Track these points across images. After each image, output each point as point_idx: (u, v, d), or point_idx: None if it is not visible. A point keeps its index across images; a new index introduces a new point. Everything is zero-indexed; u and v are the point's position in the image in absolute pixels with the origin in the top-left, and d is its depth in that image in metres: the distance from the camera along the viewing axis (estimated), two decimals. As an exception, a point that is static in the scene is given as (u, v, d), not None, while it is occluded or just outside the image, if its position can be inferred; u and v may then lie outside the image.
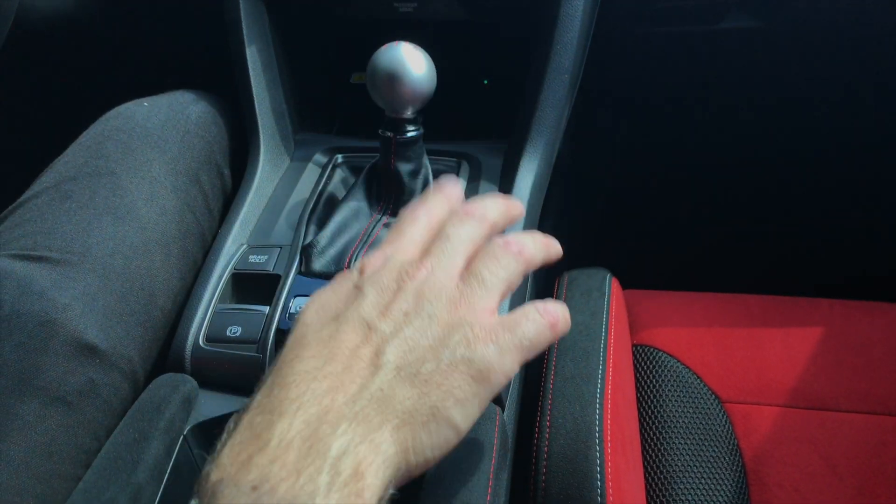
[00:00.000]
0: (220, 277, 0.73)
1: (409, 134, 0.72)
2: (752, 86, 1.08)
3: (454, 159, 0.84)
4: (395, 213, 0.76)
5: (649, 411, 0.80)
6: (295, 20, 0.90)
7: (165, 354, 0.70)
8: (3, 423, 0.57)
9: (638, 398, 0.81)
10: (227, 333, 0.68)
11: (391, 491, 0.38)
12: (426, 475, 0.55)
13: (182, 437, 0.62)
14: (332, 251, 0.72)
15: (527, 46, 0.82)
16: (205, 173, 0.82)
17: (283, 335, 0.67)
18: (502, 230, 0.53)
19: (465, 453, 0.56)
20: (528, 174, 0.78)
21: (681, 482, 0.73)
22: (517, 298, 0.72)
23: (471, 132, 0.88)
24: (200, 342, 0.68)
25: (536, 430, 0.66)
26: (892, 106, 1.07)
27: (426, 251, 0.48)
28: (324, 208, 0.79)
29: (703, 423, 0.78)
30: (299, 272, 0.71)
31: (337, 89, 0.97)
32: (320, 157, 0.87)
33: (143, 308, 0.69)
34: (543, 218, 0.84)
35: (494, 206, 0.52)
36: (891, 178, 1.20)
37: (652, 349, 0.85)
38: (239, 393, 0.66)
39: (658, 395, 0.80)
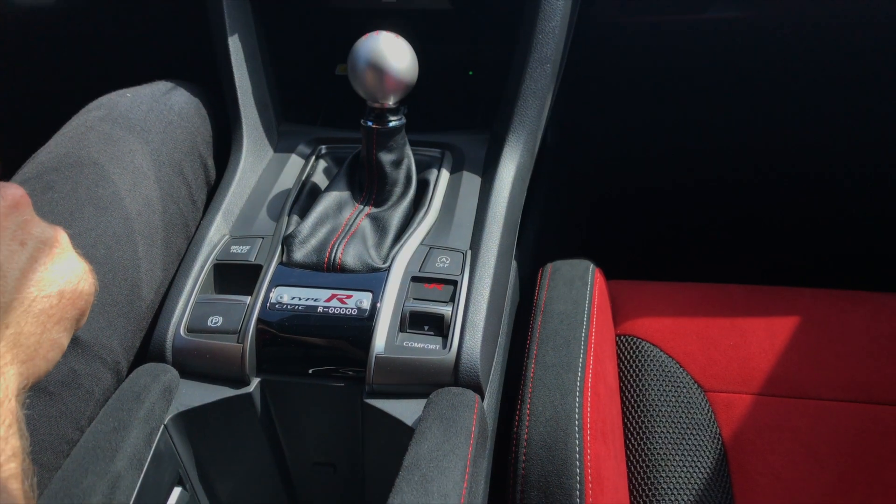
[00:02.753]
0: (202, 268, 0.73)
1: (391, 124, 0.72)
2: (737, 76, 1.08)
3: (437, 149, 0.84)
4: (377, 204, 0.76)
5: (632, 400, 0.80)
6: (278, 11, 0.90)
7: (148, 345, 0.70)
8: (-16, 412, 0.57)
9: (621, 387, 0.82)
10: (208, 323, 0.68)
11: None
12: (403, 461, 0.55)
13: (162, 426, 0.62)
14: (314, 241, 0.72)
15: (510, 36, 0.82)
16: (188, 164, 0.82)
17: (263, 325, 0.67)
18: None
19: (444, 440, 0.56)
20: (510, 164, 0.78)
21: (663, 470, 0.73)
22: (500, 284, 0.72)
23: (454, 123, 0.88)
24: (181, 332, 0.68)
25: (516, 418, 0.67)
26: (876, 94, 1.08)
27: None
28: (306, 199, 0.79)
29: (686, 412, 0.79)
30: (280, 262, 0.71)
31: (321, 80, 0.97)
32: (304, 148, 0.87)
33: (126, 298, 0.69)
34: (528, 208, 0.85)
35: None
36: (874, 167, 1.20)
37: (635, 339, 0.85)
38: (219, 382, 0.66)
39: (641, 385, 0.81)
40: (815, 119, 1.14)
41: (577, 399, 0.67)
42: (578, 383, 0.68)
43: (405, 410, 0.63)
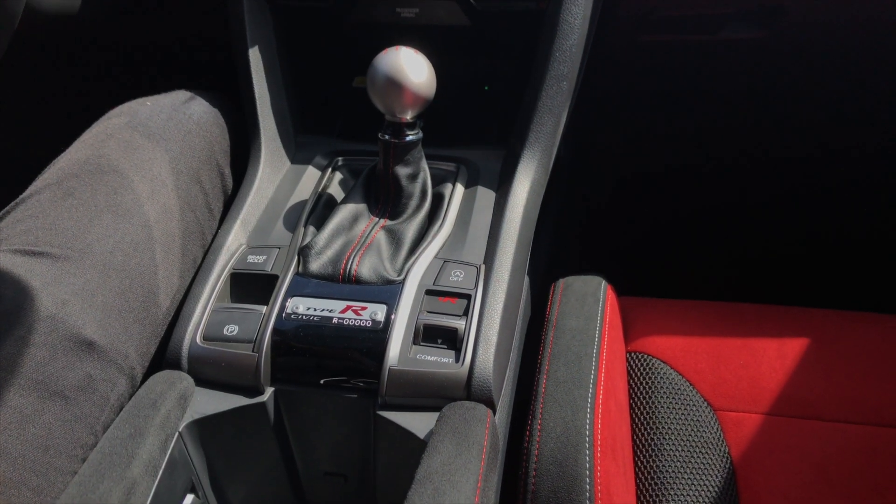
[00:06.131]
0: (219, 277, 0.74)
1: (409, 138, 0.73)
2: (751, 95, 1.09)
3: (453, 164, 0.85)
4: (393, 216, 0.77)
5: (642, 417, 0.80)
6: (298, 23, 0.91)
7: (163, 352, 0.71)
8: (2, 415, 0.57)
9: (631, 404, 0.82)
10: (224, 332, 0.68)
11: None
12: (416, 474, 0.55)
13: (177, 433, 0.63)
14: (330, 252, 0.73)
15: (528, 53, 0.83)
16: (205, 173, 0.83)
17: (278, 335, 0.68)
18: None
19: (456, 454, 0.57)
20: (525, 180, 0.79)
21: (671, 487, 0.74)
22: (513, 299, 0.73)
23: (470, 138, 0.88)
24: (197, 340, 0.69)
25: (527, 433, 0.67)
26: (887, 114, 1.08)
27: None
28: (323, 210, 0.80)
29: (695, 430, 0.79)
30: (296, 273, 0.72)
31: (339, 93, 0.98)
32: (320, 160, 0.88)
33: (142, 305, 0.70)
34: (541, 224, 0.85)
35: None
36: (887, 188, 1.20)
37: (646, 356, 0.85)
38: (233, 391, 0.67)
39: (651, 402, 0.81)
40: (827, 137, 1.15)
41: (588, 415, 0.67)
42: (589, 400, 0.68)
43: (417, 423, 0.63)
